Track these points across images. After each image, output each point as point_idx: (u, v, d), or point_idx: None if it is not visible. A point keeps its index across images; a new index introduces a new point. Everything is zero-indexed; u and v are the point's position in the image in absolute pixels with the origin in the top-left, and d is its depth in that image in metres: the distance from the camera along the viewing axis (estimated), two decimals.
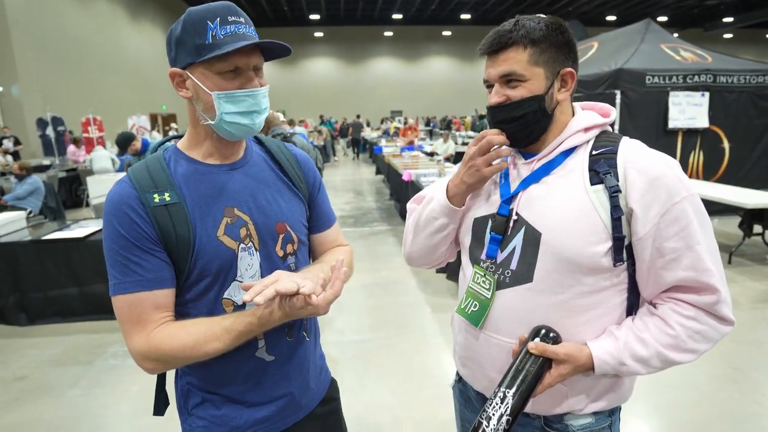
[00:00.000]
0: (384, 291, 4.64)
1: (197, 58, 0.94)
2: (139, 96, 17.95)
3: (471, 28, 27.62)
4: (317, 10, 24.71)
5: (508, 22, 1.00)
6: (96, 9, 15.42)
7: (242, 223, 1.04)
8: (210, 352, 0.95)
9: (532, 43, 0.96)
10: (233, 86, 0.97)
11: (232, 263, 1.02)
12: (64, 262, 4.00)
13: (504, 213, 1.03)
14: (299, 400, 1.14)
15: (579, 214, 0.94)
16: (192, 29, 0.93)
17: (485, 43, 1.01)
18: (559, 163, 1.01)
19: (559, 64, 0.99)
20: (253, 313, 0.95)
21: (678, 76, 6.36)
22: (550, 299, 0.97)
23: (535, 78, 0.98)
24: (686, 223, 0.91)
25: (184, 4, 23.16)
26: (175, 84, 1.00)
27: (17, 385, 3.16)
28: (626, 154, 0.96)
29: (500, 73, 0.99)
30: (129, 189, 0.97)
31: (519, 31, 0.97)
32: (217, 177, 1.04)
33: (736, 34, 28.31)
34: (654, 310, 0.97)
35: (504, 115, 1.01)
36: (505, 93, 1.00)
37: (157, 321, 0.96)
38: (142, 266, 0.95)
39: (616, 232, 0.93)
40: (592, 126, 1.02)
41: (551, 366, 0.93)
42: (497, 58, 0.99)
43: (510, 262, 1.01)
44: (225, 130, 1.00)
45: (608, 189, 0.93)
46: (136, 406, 2.86)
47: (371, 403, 2.85)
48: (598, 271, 0.95)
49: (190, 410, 1.10)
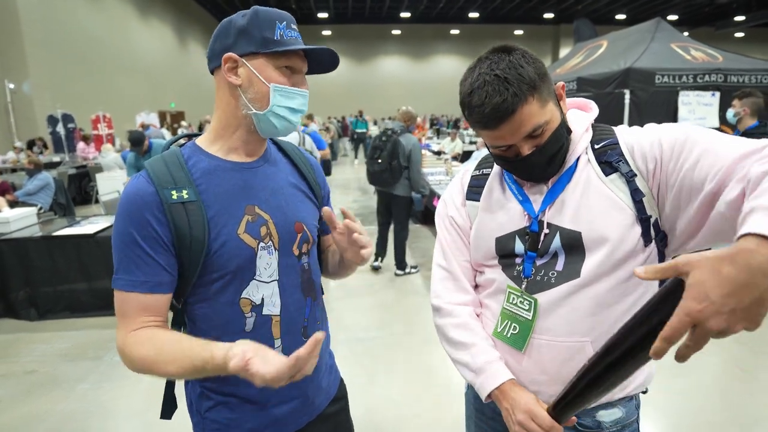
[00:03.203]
0: (390, 289, 4.65)
1: (263, 48, 0.98)
2: (148, 93, 18.04)
3: (479, 26, 27.52)
4: (325, 9, 24.73)
5: (487, 85, 0.90)
6: (106, 7, 15.51)
7: (263, 221, 1.04)
8: (166, 374, 0.92)
9: (532, 88, 0.90)
10: (289, 83, 1.03)
11: (251, 262, 1.01)
12: (74, 258, 4.04)
13: (535, 229, 1.03)
14: (313, 400, 1.15)
15: (607, 205, 0.96)
16: (262, 23, 0.98)
17: (487, 120, 0.91)
18: (574, 168, 1.02)
19: (551, 85, 0.96)
20: (212, 352, 0.86)
21: (688, 75, 6.30)
22: (596, 290, 0.97)
23: (552, 115, 0.95)
24: (684, 138, 0.89)
25: (194, 3, 23.29)
26: (226, 69, 1.00)
27: (27, 378, 3.20)
28: (625, 139, 0.99)
29: (525, 134, 0.93)
30: (146, 184, 0.96)
31: (518, 94, 0.88)
32: (239, 174, 1.04)
33: (747, 33, 28.00)
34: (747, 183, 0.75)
35: (542, 157, 0.96)
36: (533, 144, 0.95)
37: (139, 323, 0.96)
38: (139, 268, 0.95)
39: (641, 214, 0.95)
40: (588, 125, 1.05)
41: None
42: (509, 126, 0.91)
43: (554, 264, 1.01)
44: (269, 122, 1.02)
45: (625, 175, 0.96)
46: (146, 401, 2.88)
47: (379, 400, 2.86)
48: (635, 253, 0.96)
49: (203, 413, 1.09)
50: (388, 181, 4.67)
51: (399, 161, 4.59)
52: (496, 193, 1.11)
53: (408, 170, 4.65)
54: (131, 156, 5.65)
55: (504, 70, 0.90)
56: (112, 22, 15.76)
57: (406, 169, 4.64)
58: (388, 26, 27.91)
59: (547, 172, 1.00)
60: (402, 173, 4.64)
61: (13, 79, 11.56)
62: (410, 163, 4.62)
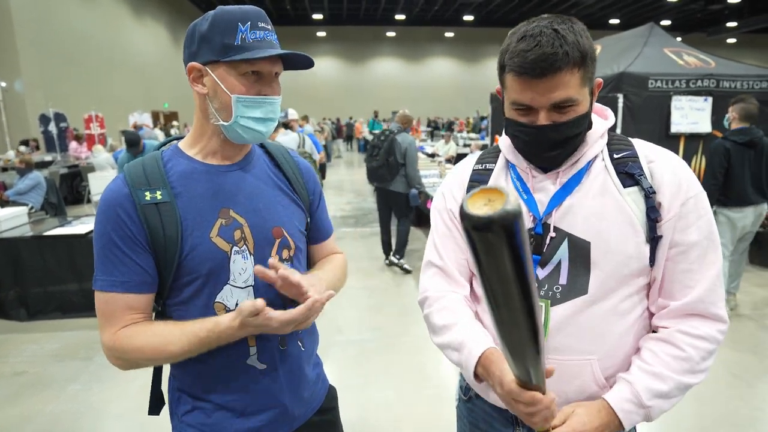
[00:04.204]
0: (384, 291, 4.64)
1: (223, 57, 0.94)
2: (141, 93, 17.96)
3: (474, 29, 27.62)
4: (320, 10, 24.71)
5: (542, 35, 0.85)
6: (100, 5, 15.43)
7: (237, 225, 1.02)
8: (168, 356, 0.96)
9: (582, 61, 0.87)
10: (253, 91, 0.98)
11: (223, 265, 1.00)
12: (65, 258, 4.01)
13: (539, 231, 0.98)
14: (292, 411, 1.12)
15: (621, 217, 0.93)
16: (221, 28, 0.94)
17: (529, 66, 0.86)
18: (585, 170, 0.99)
19: (594, 73, 0.93)
20: (214, 320, 0.94)
21: (681, 80, 6.35)
22: (603, 306, 0.95)
23: (584, 99, 0.91)
24: (698, 217, 0.93)
25: (187, 2, 23.19)
26: (191, 78, 0.99)
27: (17, 379, 3.17)
28: (646, 155, 0.97)
29: (553, 101, 0.88)
30: (121, 186, 0.97)
31: (570, 53, 0.85)
32: (215, 177, 1.03)
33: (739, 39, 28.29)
34: (660, 336, 0.95)
35: (558, 135, 0.92)
36: (552, 118, 0.91)
37: (127, 321, 0.97)
38: (119, 269, 0.96)
39: (652, 233, 0.93)
40: (604, 131, 1.01)
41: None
42: (546, 84, 0.87)
43: (557, 277, 0.97)
44: (237, 134, 1.00)
45: (645, 190, 0.93)
46: (136, 402, 2.86)
47: (372, 402, 2.85)
48: (642, 271, 0.95)
49: (180, 416, 1.09)
50: (385, 177, 4.90)
51: (395, 158, 4.83)
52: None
53: (404, 167, 4.86)
54: (124, 156, 5.62)
55: (565, 30, 0.86)
56: (105, 21, 15.67)
57: (403, 166, 4.86)
58: (383, 28, 27.94)
59: (553, 155, 0.95)
60: (398, 170, 4.88)
61: (5, 78, 11.46)
62: (406, 160, 4.84)
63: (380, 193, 5.23)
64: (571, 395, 0.96)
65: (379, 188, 5.18)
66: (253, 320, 0.90)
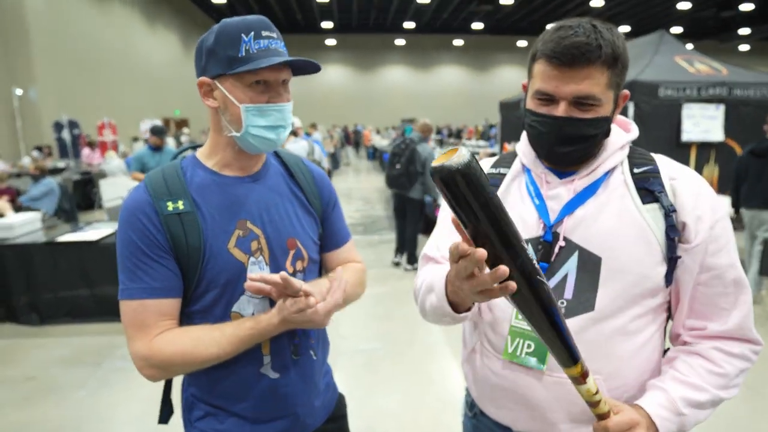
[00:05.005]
0: (392, 299, 4.63)
1: (228, 69, 0.95)
2: (152, 100, 18.18)
3: (483, 37, 27.67)
4: (330, 18, 24.92)
5: (581, 27, 0.85)
6: (112, 14, 15.68)
7: (254, 236, 1.04)
8: (208, 358, 0.96)
9: (614, 62, 0.86)
10: (262, 99, 0.98)
11: (240, 276, 1.01)
12: (77, 264, 4.04)
13: (548, 239, 0.95)
14: (303, 419, 1.13)
15: (637, 235, 0.90)
16: (225, 41, 0.95)
17: (561, 52, 0.85)
18: (602, 182, 0.95)
19: (622, 82, 0.91)
20: (254, 318, 0.97)
21: (692, 88, 6.30)
22: (611, 325, 0.91)
23: (607, 102, 0.89)
24: (727, 240, 0.92)
25: (199, 11, 23.51)
26: (202, 93, 1.01)
27: (27, 384, 3.19)
28: (668, 172, 0.95)
29: (576, 94, 0.87)
30: (144, 195, 0.98)
31: (603, 47, 0.84)
32: (233, 189, 1.04)
33: (752, 46, 28.08)
34: (693, 350, 0.94)
35: (574, 130, 0.89)
36: (571, 113, 0.89)
37: (160, 327, 0.97)
38: (149, 274, 0.96)
39: (671, 252, 0.90)
40: (625, 143, 0.98)
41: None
42: (573, 74, 0.86)
43: (563, 290, 0.93)
44: (249, 143, 1.01)
45: (665, 208, 0.90)
46: (143, 409, 2.87)
47: (378, 411, 2.84)
48: (656, 291, 0.92)
49: (193, 422, 1.10)
50: (404, 185, 5.16)
51: (415, 167, 5.07)
52: (513, 196, 1.03)
53: (422, 176, 5.11)
54: (144, 149, 5.72)
55: (603, 28, 0.86)
56: (118, 30, 15.92)
57: (421, 174, 5.10)
58: (392, 36, 28.09)
59: (565, 151, 0.92)
60: (417, 178, 5.12)
61: (20, 86, 11.66)
62: (425, 170, 5.08)
63: (398, 199, 5.45)
64: (576, 415, 0.93)
65: (397, 194, 5.43)
66: (299, 316, 0.94)
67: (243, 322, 0.97)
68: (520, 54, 28.88)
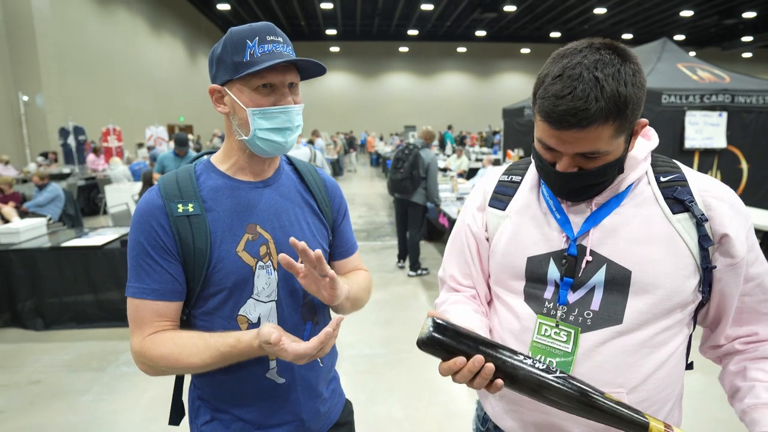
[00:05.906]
0: (395, 305, 4.63)
1: (234, 74, 0.97)
2: (157, 107, 18.29)
3: (486, 44, 27.80)
4: (334, 26, 25.08)
5: (581, 80, 0.78)
6: (118, 21, 15.82)
7: (263, 240, 1.05)
8: (191, 366, 0.96)
9: (619, 113, 0.79)
10: (267, 102, 1.00)
11: (248, 280, 1.02)
12: (82, 269, 4.06)
13: (573, 253, 0.92)
14: (309, 425, 1.13)
15: (669, 247, 0.88)
16: (232, 48, 0.98)
17: (556, 118, 0.80)
18: (626, 193, 0.93)
19: (638, 116, 0.84)
20: (237, 336, 0.95)
21: (695, 95, 6.32)
22: (637, 338, 0.89)
23: (616, 149, 0.84)
24: (758, 247, 0.93)
25: (204, 18, 23.69)
26: (213, 100, 1.04)
27: (31, 389, 3.20)
28: (697, 182, 0.92)
29: (578, 152, 0.84)
30: (156, 198, 1.01)
31: (605, 106, 0.78)
32: (244, 193, 1.06)
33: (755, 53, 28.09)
34: (757, 355, 0.95)
35: (580, 183, 0.87)
36: (577, 164, 0.86)
37: (156, 327, 0.99)
38: (150, 276, 0.99)
39: (704, 263, 0.88)
40: (647, 154, 0.95)
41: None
42: (572, 136, 0.81)
43: (589, 302, 0.91)
44: (257, 146, 1.03)
45: (697, 217, 0.87)
46: (147, 414, 2.87)
47: (381, 417, 2.83)
48: (686, 304, 0.90)
49: (199, 426, 1.11)
50: (407, 189, 5.19)
51: (418, 172, 5.14)
52: (532, 206, 1.00)
53: (425, 181, 5.16)
54: (169, 154, 5.83)
55: (607, 76, 0.78)
56: (123, 37, 16.05)
57: (424, 179, 5.17)
58: (396, 43, 28.24)
59: (575, 194, 0.91)
60: (420, 183, 5.19)
61: (27, 92, 11.76)
62: (428, 175, 5.12)
63: (400, 204, 5.47)
64: (599, 430, 0.91)
65: (399, 199, 5.44)
66: (269, 348, 0.90)
67: (227, 337, 0.95)
68: (524, 61, 28.97)
